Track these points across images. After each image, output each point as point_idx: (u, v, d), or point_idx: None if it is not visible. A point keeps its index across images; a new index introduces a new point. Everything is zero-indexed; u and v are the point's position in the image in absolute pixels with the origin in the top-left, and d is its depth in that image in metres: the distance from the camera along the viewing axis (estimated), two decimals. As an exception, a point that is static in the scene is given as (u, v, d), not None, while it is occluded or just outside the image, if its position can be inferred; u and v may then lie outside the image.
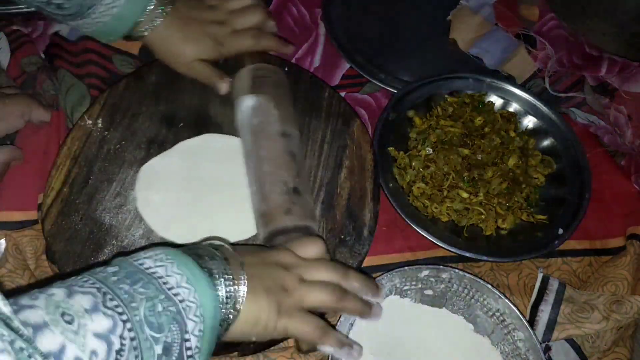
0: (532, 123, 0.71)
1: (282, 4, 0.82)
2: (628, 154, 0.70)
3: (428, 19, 0.83)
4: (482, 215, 0.62)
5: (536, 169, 0.66)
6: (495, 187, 0.63)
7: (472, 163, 0.65)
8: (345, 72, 0.76)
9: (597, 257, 0.64)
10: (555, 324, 0.57)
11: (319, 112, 0.67)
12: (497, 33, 0.80)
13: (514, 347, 0.54)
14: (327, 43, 0.79)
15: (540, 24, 0.80)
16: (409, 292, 0.57)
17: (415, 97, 0.70)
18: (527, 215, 0.63)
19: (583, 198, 0.63)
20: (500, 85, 0.72)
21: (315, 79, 0.70)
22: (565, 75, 0.77)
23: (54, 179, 0.60)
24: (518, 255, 0.60)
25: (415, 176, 0.64)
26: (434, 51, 0.80)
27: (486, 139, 0.66)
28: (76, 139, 0.63)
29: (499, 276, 0.61)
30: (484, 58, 0.78)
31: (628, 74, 0.73)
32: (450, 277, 0.56)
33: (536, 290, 0.59)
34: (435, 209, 0.62)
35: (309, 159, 0.64)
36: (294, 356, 0.54)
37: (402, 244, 0.63)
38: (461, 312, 0.58)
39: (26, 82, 0.68)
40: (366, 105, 0.73)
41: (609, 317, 0.56)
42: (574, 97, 0.76)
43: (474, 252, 0.59)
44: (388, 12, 0.83)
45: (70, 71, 0.71)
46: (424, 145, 0.65)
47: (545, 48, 0.75)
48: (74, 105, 0.69)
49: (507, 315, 0.55)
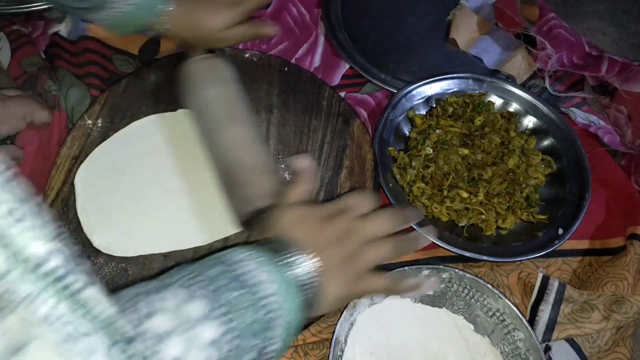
0: (532, 123, 0.71)
1: (282, 4, 0.82)
2: (628, 154, 0.70)
3: (428, 19, 0.83)
4: (482, 215, 0.62)
5: (536, 169, 0.66)
6: (495, 187, 0.63)
7: (472, 163, 0.65)
8: (345, 72, 0.77)
9: (597, 257, 0.64)
10: (555, 323, 0.57)
11: (319, 112, 0.67)
12: (497, 33, 0.80)
13: (514, 347, 0.54)
14: (327, 43, 0.79)
15: (540, 24, 0.80)
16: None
17: (415, 97, 0.70)
18: (527, 215, 0.63)
19: (583, 198, 0.63)
20: (500, 85, 0.72)
21: (315, 79, 0.70)
22: (565, 75, 0.77)
23: (54, 179, 0.60)
24: (518, 255, 0.60)
25: (415, 176, 0.64)
26: (434, 51, 0.80)
27: (486, 139, 0.66)
28: (76, 139, 0.63)
29: (499, 276, 0.61)
30: (484, 58, 0.78)
31: (628, 74, 0.73)
32: (450, 277, 0.56)
33: (536, 290, 0.59)
34: (435, 209, 0.62)
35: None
36: (294, 356, 0.54)
37: (402, 244, 0.63)
38: (461, 312, 0.58)
39: (27, 82, 0.68)
40: (366, 105, 0.73)
41: (609, 317, 0.56)
42: (574, 97, 0.76)
43: (474, 252, 0.59)
44: (388, 12, 0.84)
45: (70, 71, 0.71)
46: (424, 145, 0.65)
47: (545, 48, 0.75)
48: (74, 105, 0.69)
49: (507, 315, 0.55)
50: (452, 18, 0.81)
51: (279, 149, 0.65)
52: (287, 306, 0.38)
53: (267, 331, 0.36)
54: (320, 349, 0.55)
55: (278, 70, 0.71)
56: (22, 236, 0.25)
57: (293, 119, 0.67)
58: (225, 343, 0.33)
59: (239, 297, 0.35)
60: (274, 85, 0.70)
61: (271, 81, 0.70)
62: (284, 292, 0.38)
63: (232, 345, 0.33)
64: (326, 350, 0.55)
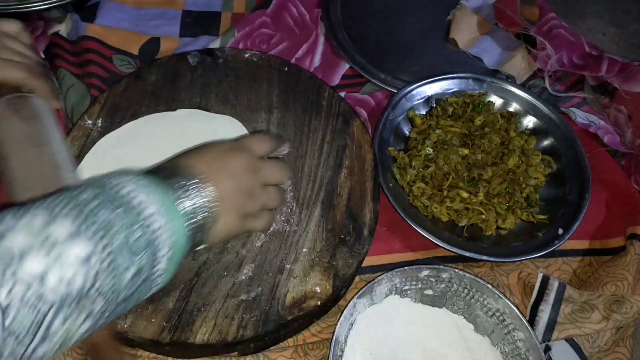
0: (532, 123, 0.71)
1: (282, 4, 0.82)
2: (628, 154, 0.70)
3: (428, 19, 0.83)
4: (482, 215, 0.62)
5: (536, 169, 0.66)
6: (495, 187, 0.63)
7: (472, 163, 0.65)
8: (345, 72, 0.77)
9: (597, 257, 0.64)
10: (555, 323, 0.57)
11: (319, 112, 0.67)
12: (497, 33, 0.80)
13: (514, 347, 0.54)
14: (327, 43, 0.79)
15: (540, 24, 0.80)
16: (409, 292, 0.57)
17: (415, 97, 0.70)
18: (527, 215, 0.63)
19: (583, 198, 0.63)
20: (500, 85, 0.72)
21: (315, 79, 0.70)
22: (565, 75, 0.77)
23: (54, 179, 0.60)
24: (518, 255, 0.60)
25: (415, 176, 0.64)
26: (434, 51, 0.80)
27: (486, 139, 0.66)
28: (76, 139, 0.63)
29: (499, 276, 0.61)
30: (484, 58, 0.78)
31: (628, 74, 0.73)
32: (450, 277, 0.56)
33: (536, 290, 0.59)
34: (435, 208, 0.62)
35: (309, 158, 0.64)
36: (294, 356, 0.54)
37: (402, 244, 0.63)
38: (461, 312, 0.58)
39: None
40: (366, 105, 0.73)
41: (609, 317, 0.56)
42: (574, 97, 0.76)
43: (474, 252, 0.59)
44: (388, 12, 0.84)
45: (70, 71, 0.71)
46: (424, 145, 0.65)
47: (545, 48, 0.75)
48: (74, 105, 0.69)
49: (507, 315, 0.55)
50: (452, 18, 0.81)
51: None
52: (170, 226, 0.38)
53: (147, 249, 0.36)
54: (320, 349, 0.55)
55: (278, 70, 0.71)
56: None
57: (293, 119, 0.67)
58: (98, 261, 0.33)
59: (114, 216, 0.35)
60: (274, 85, 0.70)
61: (271, 81, 0.70)
62: (166, 212, 0.38)
63: (105, 264, 0.33)
64: (326, 350, 0.55)
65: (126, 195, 0.37)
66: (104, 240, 0.34)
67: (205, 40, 0.78)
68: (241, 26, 0.79)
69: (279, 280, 0.55)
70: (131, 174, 0.39)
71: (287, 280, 0.55)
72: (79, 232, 0.33)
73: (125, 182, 0.38)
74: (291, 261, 0.56)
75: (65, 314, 0.31)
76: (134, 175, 0.39)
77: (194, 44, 0.78)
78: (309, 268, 0.56)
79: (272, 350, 0.54)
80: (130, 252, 0.35)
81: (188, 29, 0.81)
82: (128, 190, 0.37)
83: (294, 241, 0.58)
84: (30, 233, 0.31)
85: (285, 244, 0.57)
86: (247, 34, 0.78)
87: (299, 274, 0.56)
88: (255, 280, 0.55)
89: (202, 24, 0.82)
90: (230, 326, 0.52)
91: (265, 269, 0.56)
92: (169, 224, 0.38)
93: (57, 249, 0.31)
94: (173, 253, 0.39)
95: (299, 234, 0.58)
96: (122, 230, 0.35)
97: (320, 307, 0.54)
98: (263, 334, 0.52)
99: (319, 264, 0.56)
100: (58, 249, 0.31)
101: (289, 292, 0.54)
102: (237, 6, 0.84)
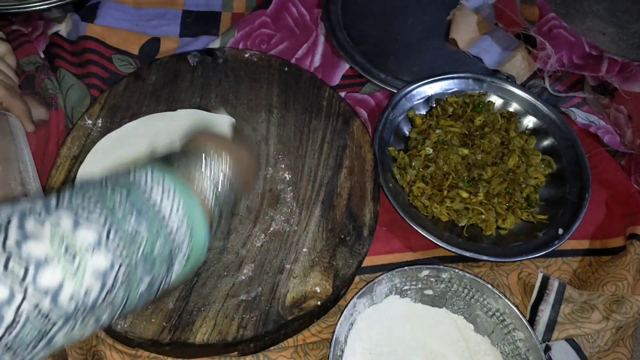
0: (532, 123, 0.71)
1: (282, 4, 0.82)
2: (628, 154, 0.70)
3: (428, 19, 0.83)
4: (482, 215, 0.62)
5: (536, 169, 0.66)
6: (495, 187, 0.63)
7: (472, 163, 0.65)
8: (345, 72, 0.77)
9: (597, 257, 0.64)
10: (555, 323, 0.57)
11: (319, 112, 0.67)
12: (497, 33, 0.80)
13: (514, 347, 0.54)
14: (327, 43, 0.79)
15: (540, 24, 0.80)
16: (409, 292, 0.57)
17: (415, 97, 0.70)
18: (527, 215, 0.63)
19: (583, 198, 0.63)
20: (500, 85, 0.72)
21: (315, 79, 0.70)
22: (565, 75, 0.77)
23: (53, 179, 0.60)
24: (518, 255, 0.60)
25: (415, 176, 0.64)
26: (434, 51, 0.80)
27: (486, 139, 0.66)
28: (76, 139, 0.63)
29: (499, 276, 0.61)
30: (484, 58, 0.78)
31: (628, 74, 0.73)
32: (450, 277, 0.56)
33: (536, 290, 0.59)
34: (435, 208, 0.62)
35: (309, 158, 0.64)
36: (294, 356, 0.54)
37: (402, 244, 0.63)
38: (461, 312, 0.58)
39: (25, 82, 0.68)
40: (366, 105, 0.73)
41: (609, 317, 0.56)
42: (574, 97, 0.76)
43: (474, 252, 0.59)
44: (388, 12, 0.84)
45: (70, 71, 0.71)
46: (424, 145, 0.65)
47: (545, 48, 0.75)
48: (74, 105, 0.69)
49: (507, 315, 0.55)
50: (452, 18, 0.81)
51: (279, 149, 0.65)
52: (194, 232, 0.37)
53: (167, 259, 0.36)
54: (320, 349, 0.55)
55: (278, 70, 0.71)
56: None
57: (293, 119, 0.67)
58: (116, 275, 0.32)
59: (140, 225, 0.34)
60: (274, 85, 0.70)
61: (271, 81, 0.70)
62: (190, 220, 0.37)
63: (123, 277, 0.32)
64: (326, 350, 0.55)
65: (156, 204, 0.36)
66: (126, 252, 0.33)
67: (205, 40, 0.78)
68: (241, 26, 0.79)
69: (279, 280, 0.55)
70: (159, 173, 0.38)
71: (287, 280, 0.55)
72: (102, 241, 0.32)
73: (155, 184, 0.37)
74: (291, 261, 0.56)
75: (72, 325, 0.31)
76: (162, 174, 0.38)
77: (194, 44, 0.78)
78: (309, 268, 0.56)
79: (272, 350, 0.54)
80: (151, 263, 0.34)
81: (188, 29, 0.81)
82: (156, 196, 0.36)
83: (294, 241, 0.58)
84: (53, 241, 0.30)
85: (285, 244, 0.58)
86: (247, 34, 0.78)
87: (299, 274, 0.56)
88: (255, 280, 0.55)
89: (202, 24, 0.82)
90: (230, 326, 0.52)
91: (265, 269, 0.56)
92: (190, 237, 0.37)
93: (77, 259, 0.30)
94: (186, 268, 0.38)
95: (299, 234, 0.58)
96: (146, 242, 0.34)
97: (320, 307, 0.54)
98: (263, 334, 0.52)
99: (319, 264, 0.56)
100: (78, 260, 0.30)
101: (289, 292, 0.54)
102: (237, 6, 0.84)
